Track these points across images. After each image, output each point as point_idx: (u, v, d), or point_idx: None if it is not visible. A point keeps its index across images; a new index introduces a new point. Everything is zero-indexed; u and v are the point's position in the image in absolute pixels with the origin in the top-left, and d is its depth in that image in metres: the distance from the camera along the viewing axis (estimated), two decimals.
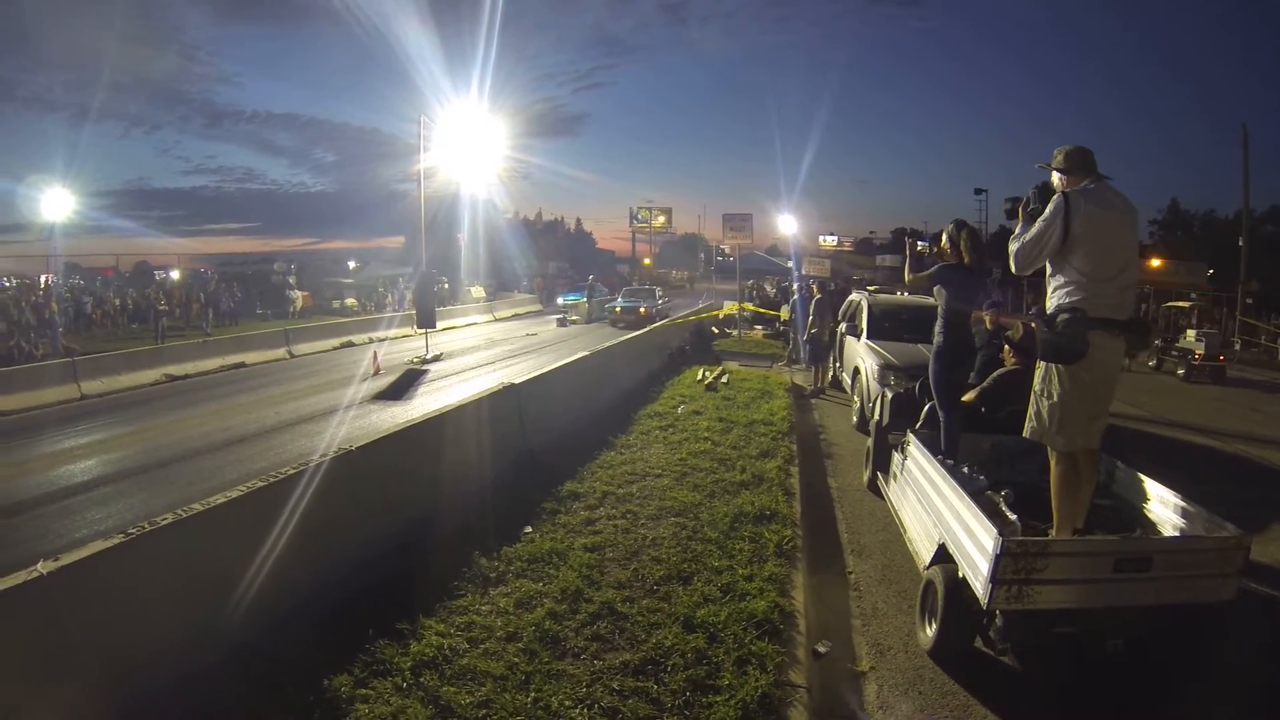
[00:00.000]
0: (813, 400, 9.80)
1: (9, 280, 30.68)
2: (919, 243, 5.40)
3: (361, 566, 3.55)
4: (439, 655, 2.93)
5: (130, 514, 5.30)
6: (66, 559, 2.44)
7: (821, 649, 3.35)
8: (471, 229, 36.29)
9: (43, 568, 2.33)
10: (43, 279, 27.48)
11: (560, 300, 29.75)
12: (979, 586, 2.87)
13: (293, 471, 3.49)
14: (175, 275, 36.07)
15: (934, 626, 3.26)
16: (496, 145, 26.99)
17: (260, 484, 3.31)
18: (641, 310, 21.98)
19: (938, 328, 4.67)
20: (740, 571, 3.75)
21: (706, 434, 6.74)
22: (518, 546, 4.04)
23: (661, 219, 50.54)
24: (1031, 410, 3.27)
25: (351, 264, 41.79)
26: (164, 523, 2.81)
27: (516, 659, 2.90)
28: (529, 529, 4.35)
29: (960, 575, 3.11)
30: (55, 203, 24.63)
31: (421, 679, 2.77)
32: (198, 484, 6.02)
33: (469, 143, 24.92)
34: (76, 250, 26.89)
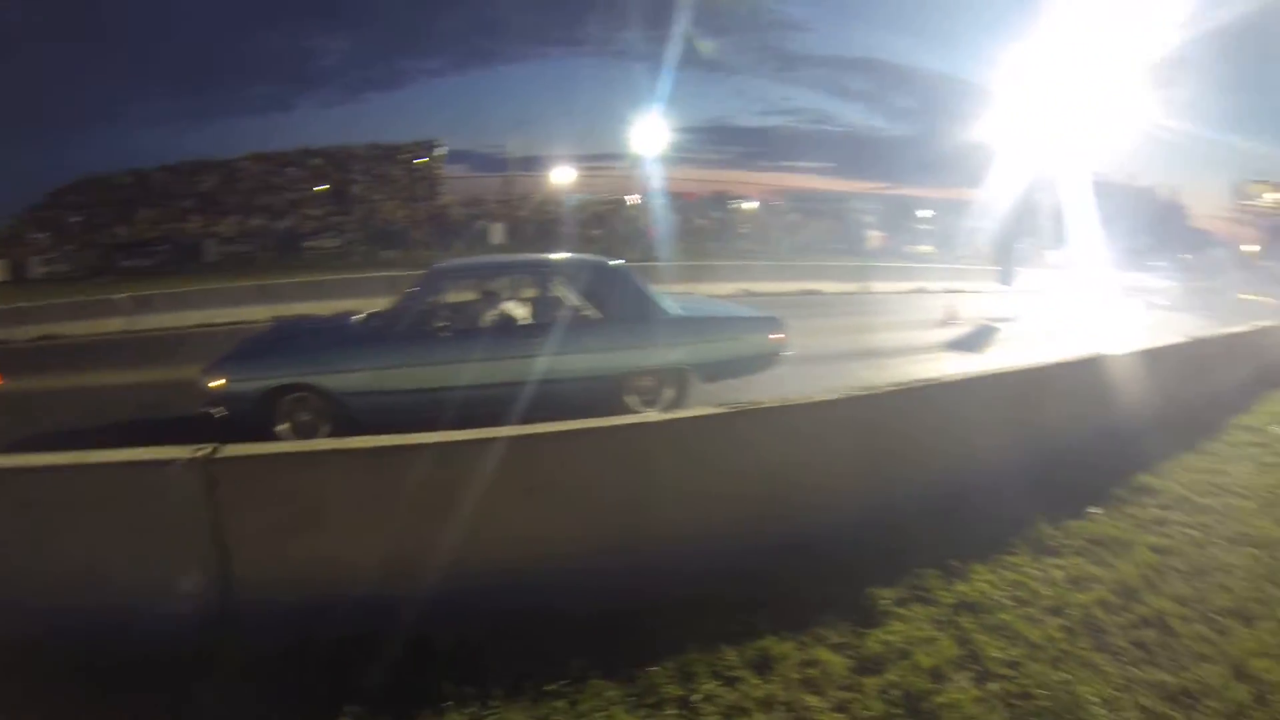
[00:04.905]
0: None
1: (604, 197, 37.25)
2: None
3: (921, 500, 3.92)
4: (981, 602, 3.12)
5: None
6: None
7: None
8: (1050, 188, 30.73)
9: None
10: (629, 199, 35.17)
11: None
12: None
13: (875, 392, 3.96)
14: (751, 205, 38.94)
15: None
16: (1088, 98, 22.87)
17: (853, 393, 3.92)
18: None
19: None
20: None
21: None
22: (1080, 523, 4.07)
23: (1275, 197, 36.21)
24: None
25: (925, 212, 40.06)
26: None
27: (1055, 634, 2.99)
28: (1094, 509, 4.33)
29: None
30: (643, 136, 30.67)
31: (959, 619, 2.97)
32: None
33: (1058, 93, 21.79)
34: (661, 177, 33.75)
